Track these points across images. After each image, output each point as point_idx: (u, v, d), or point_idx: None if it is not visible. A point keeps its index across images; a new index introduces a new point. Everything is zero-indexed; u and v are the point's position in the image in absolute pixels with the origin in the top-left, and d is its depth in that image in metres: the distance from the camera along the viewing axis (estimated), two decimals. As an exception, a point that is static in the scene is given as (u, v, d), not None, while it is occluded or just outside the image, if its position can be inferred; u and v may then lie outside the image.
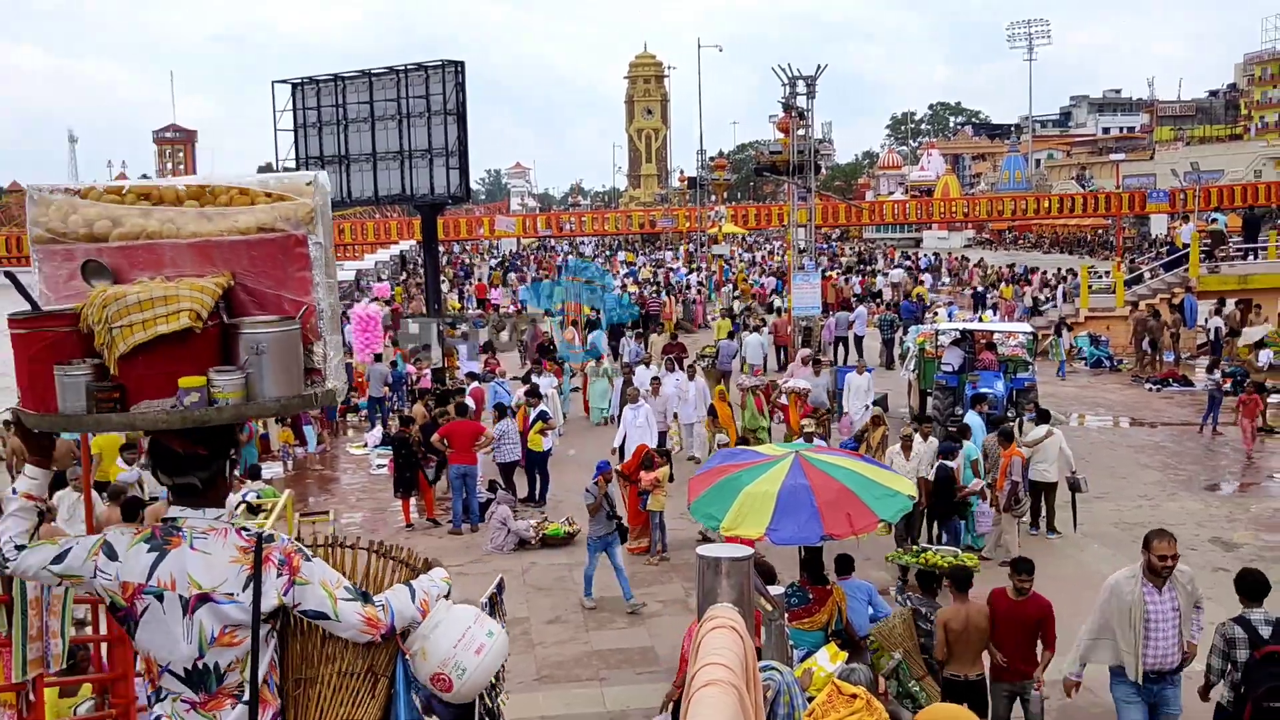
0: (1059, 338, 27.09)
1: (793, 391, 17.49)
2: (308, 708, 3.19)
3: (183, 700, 3.05)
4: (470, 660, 3.20)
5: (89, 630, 7.25)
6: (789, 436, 16.06)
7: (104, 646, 6.29)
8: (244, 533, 3.10)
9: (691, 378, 19.11)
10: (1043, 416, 14.91)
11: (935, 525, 12.83)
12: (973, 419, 14.62)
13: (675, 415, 18.49)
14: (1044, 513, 13.82)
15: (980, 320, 26.89)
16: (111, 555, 3.03)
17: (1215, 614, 10.80)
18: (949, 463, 12.53)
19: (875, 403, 18.26)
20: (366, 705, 3.21)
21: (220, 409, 2.92)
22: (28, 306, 3.18)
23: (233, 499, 11.50)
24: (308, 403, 3.21)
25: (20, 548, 3.06)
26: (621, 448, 15.85)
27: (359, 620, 3.12)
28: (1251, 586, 7.11)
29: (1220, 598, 11.42)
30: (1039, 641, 8.07)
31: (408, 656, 3.23)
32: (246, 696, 3.05)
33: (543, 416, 16.04)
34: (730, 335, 24.88)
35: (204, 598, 2.99)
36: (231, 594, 3.00)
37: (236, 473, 7.53)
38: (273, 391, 3.00)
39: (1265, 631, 6.67)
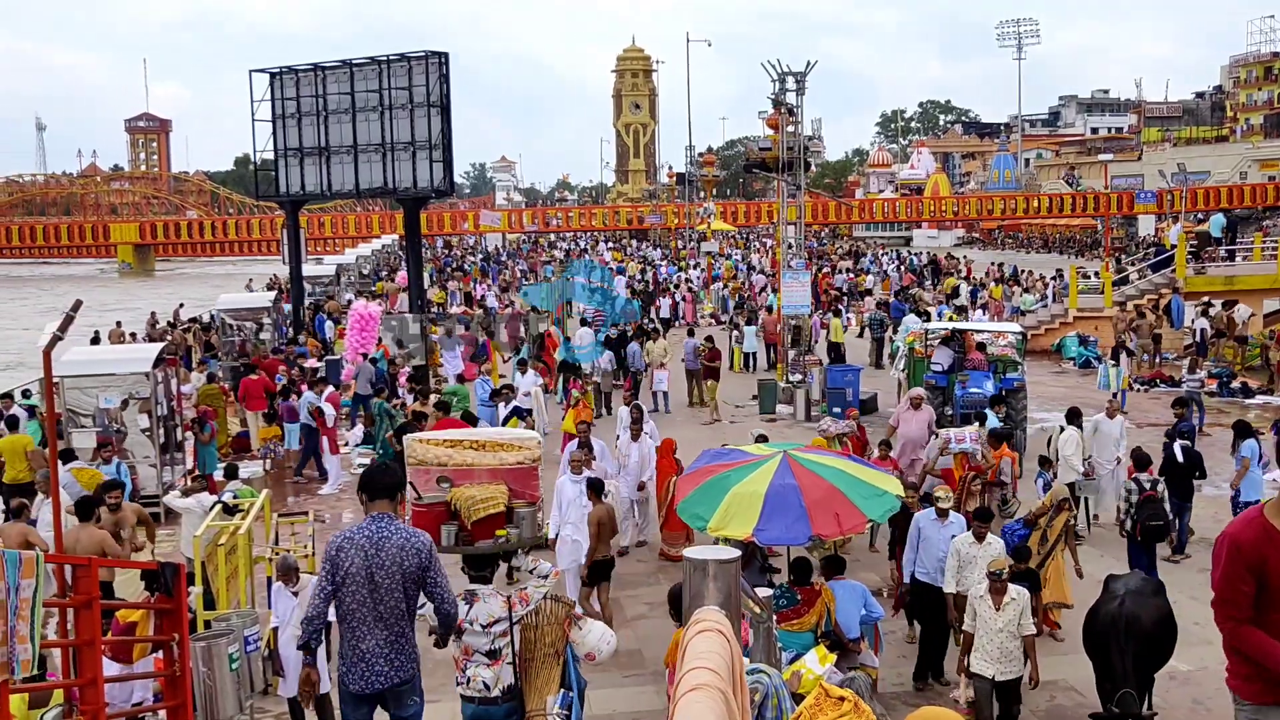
0: (1116, 365, 22.94)
1: (961, 453, 12.50)
2: (530, 667, 6.33)
3: (483, 665, 6.29)
4: (603, 648, 6.49)
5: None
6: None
7: (72, 652, 6.14)
8: (499, 594, 6.50)
9: (636, 436, 13.71)
10: (1072, 416, 13.92)
11: None
12: (992, 421, 14.33)
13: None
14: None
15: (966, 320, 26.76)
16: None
17: (1201, 614, 10.80)
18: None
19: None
20: (555, 667, 6.34)
21: (510, 542, 6.78)
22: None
23: (206, 499, 11.35)
24: (537, 542, 7.17)
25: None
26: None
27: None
28: (1138, 459, 11.89)
29: (1207, 598, 11.34)
30: None
31: (573, 644, 6.37)
32: (511, 658, 6.38)
33: (517, 413, 15.84)
34: (690, 333, 24.67)
35: (495, 622, 6.35)
36: (501, 619, 6.36)
37: (218, 476, 13.20)
38: (527, 534, 6.99)
39: (1146, 485, 11.57)
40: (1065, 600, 10.27)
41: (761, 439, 12.02)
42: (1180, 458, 12.92)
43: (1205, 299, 28.54)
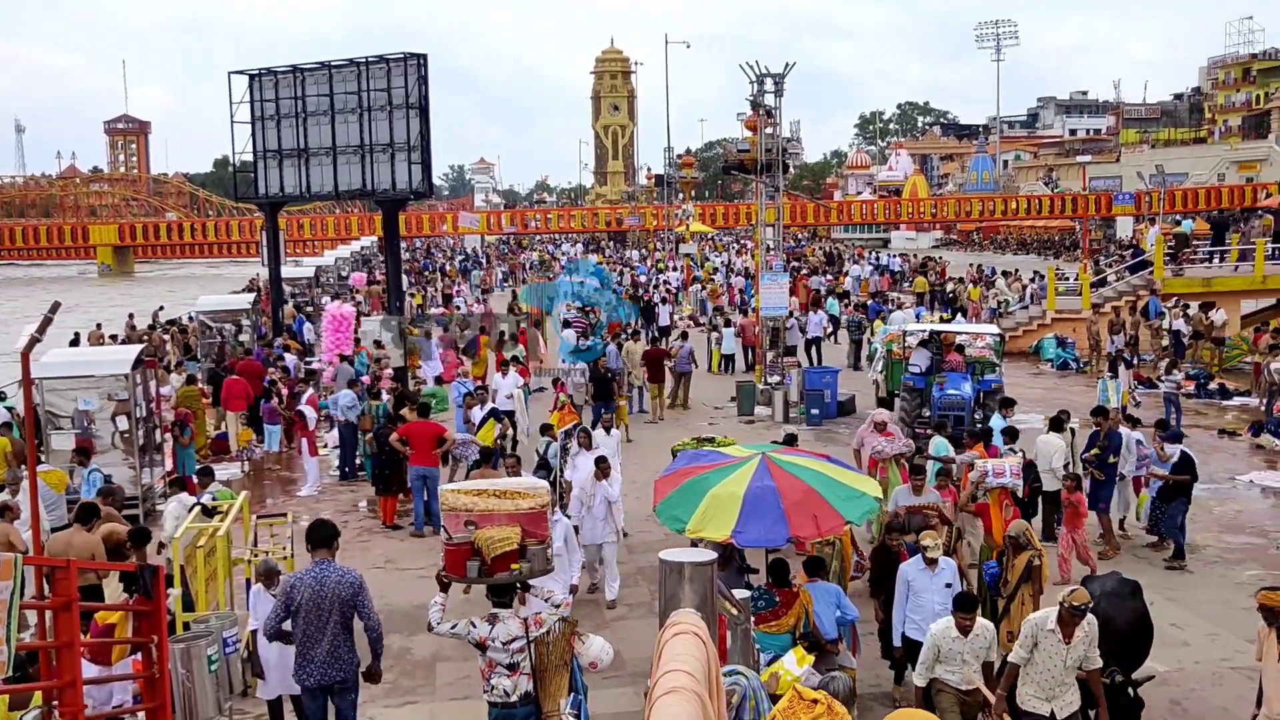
0: (1114, 379, 20.78)
1: (1000, 488, 10.92)
2: (545, 676, 7.19)
3: (504, 676, 7.14)
4: (604, 658, 7.47)
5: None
6: (985, 550, 10.68)
7: (51, 653, 6.13)
8: (518, 617, 7.23)
9: (605, 473, 11.67)
10: (1056, 424, 13.54)
11: None
12: (997, 422, 14.02)
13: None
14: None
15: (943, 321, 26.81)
16: (475, 625, 7.19)
17: (1178, 615, 10.95)
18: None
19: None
20: (564, 675, 7.30)
21: (523, 574, 7.41)
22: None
23: (186, 499, 11.33)
24: (546, 570, 7.77)
25: (439, 621, 7.33)
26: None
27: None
28: (1008, 431, 13.08)
29: (1184, 600, 11.51)
30: None
31: (578, 655, 7.40)
32: (528, 670, 7.18)
33: (494, 415, 15.82)
34: (684, 336, 24.72)
35: (514, 640, 7.16)
36: (518, 638, 7.16)
37: (196, 478, 12.85)
38: (539, 568, 7.56)
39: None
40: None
41: (790, 439, 12.04)
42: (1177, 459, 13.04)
43: (1178, 299, 28.71)
